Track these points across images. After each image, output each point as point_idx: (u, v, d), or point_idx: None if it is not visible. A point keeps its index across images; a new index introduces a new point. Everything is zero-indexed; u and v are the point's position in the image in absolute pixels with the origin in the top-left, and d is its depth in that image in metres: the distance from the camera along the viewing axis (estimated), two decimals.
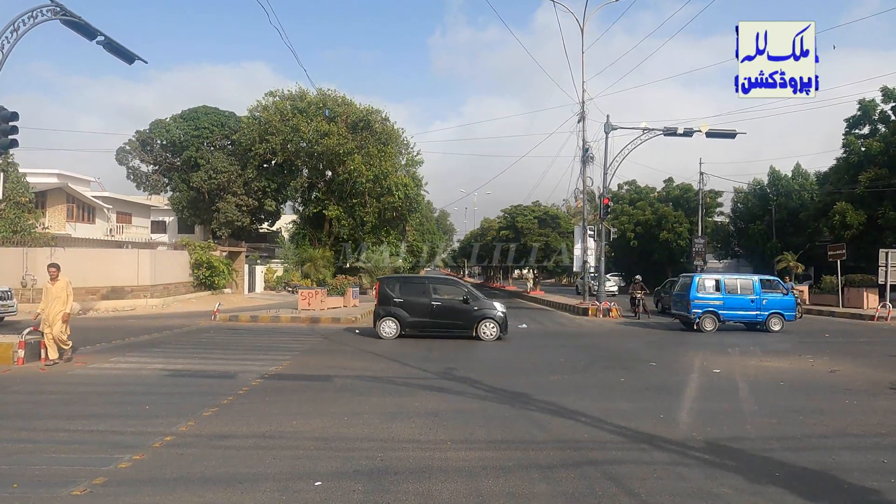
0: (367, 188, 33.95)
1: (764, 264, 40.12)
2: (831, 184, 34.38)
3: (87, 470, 4.99)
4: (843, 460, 5.48)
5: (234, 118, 37.72)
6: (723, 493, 4.64)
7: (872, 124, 32.75)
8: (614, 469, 5.12)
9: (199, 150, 36.32)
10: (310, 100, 35.15)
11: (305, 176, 38.09)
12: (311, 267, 32.63)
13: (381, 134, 35.16)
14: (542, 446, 5.77)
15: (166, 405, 7.44)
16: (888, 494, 4.66)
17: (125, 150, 37.68)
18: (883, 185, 29.11)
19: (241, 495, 4.51)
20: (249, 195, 36.46)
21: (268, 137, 33.94)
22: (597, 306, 23.51)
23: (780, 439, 5.84)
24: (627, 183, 49.42)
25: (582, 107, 25.61)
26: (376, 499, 4.45)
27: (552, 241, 38.54)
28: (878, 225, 29.28)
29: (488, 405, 7.62)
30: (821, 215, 33.48)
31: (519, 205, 42.60)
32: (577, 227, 27.35)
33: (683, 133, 23.01)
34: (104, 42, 12.76)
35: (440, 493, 4.57)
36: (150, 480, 4.80)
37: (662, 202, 45.57)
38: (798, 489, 4.70)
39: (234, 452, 5.57)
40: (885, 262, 22.15)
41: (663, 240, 42.23)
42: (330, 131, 32.77)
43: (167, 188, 39.25)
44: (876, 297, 23.54)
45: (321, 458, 5.39)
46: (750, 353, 13.03)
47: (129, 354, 11.60)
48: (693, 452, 5.64)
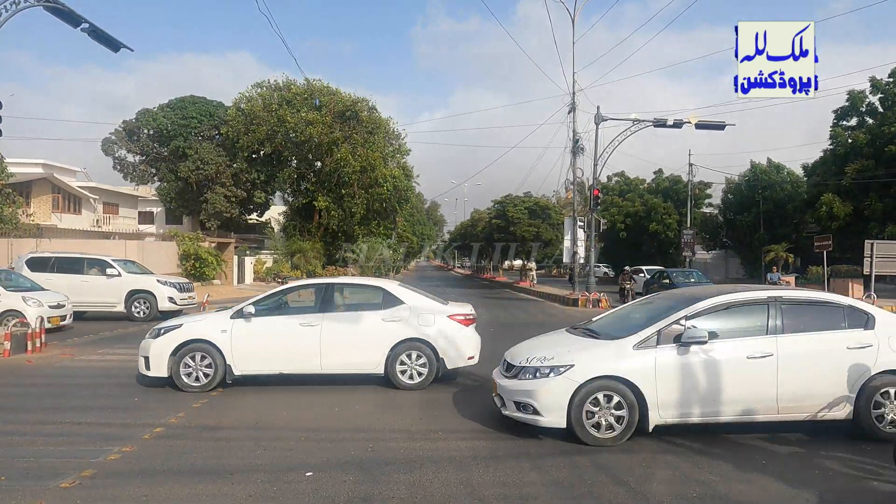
0: (356, 179, 33.78)
1: (752, 255, 40.49)
2: (818, 175, 34.70)
3: (76, 462, 4.96)
4: (829, 448, 5.56)
5: (223, 108, 37.30)
6: (710, 480, 4.70)
7: (860, 116, 33.04)
8: (603, 458, 5.16)
9: (186, 140, 35.91)
10: (296, 90, 34.84)
11: (294, 167, 37.82)
12: (301, 258, 32.50)
13: (368, 123, 34.93)
14: (532, 436, 5.81)
15: (156, 397, 7.40)
16: (873, 482, 4.74)
17: (111, 140, 37.15)
18: (869, 177, 29.43)
19: (232, 486, 4.50)
20: (238, 186, 36.14)
21: (254, 128, 33.63)
22: (586, 297, 23.64)
23: (764, 428, 5.91)
24: (617, 174, 49.51)
25: (572, 98, 25.57)
26: (367, 489, 4.47)
27: (542, 232, 38.61)
28: (864, 216, 29.62)
29: (478, 395, 7.63)
30: (808, 207, 33.83)
31: (510, 195, 42.58)
32: (568, 219, 27.38)
33: (673, 124, 23.03)
34: (89, 29, 12.54)
35: (431, 483, 4.60)
36: (140, 472, 4.78)
37: (652, 194, 45.72)
38: (784, 477, 4.77)
39: (225, 444, 5.56)
40: (871, 253, 22.36)
41: (653, 231, 42.42)
42: (315, 120, 32.51)
43: (154, 178, 38.80)
44: (861, 287, 23.83)
45: (312, 449, 5.40)
46: None
47: (118, 346, 11.51)
48: (680, 441, 5.70)
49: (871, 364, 5.63)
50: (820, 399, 5.66)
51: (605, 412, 5.48)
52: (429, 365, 7.87)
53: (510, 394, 5.78)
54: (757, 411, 5.65)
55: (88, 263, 16.29)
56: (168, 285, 16.52)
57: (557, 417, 5.48)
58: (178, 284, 17.17)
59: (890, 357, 5.68)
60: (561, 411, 5.46)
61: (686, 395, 5.54)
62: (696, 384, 5.55)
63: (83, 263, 16.23)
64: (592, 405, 5.46)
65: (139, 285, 16.10)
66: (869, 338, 5.74)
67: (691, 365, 5.55)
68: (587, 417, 5.46)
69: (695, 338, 5.51)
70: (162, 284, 16.33)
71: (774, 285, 21.27)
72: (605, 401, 5.47)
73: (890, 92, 30.90)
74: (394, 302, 8.12)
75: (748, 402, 5.63)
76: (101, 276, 15.92)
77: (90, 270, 16.05)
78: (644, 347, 5.60)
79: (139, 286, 16.06)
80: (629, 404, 5.46)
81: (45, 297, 13.00)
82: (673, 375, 5.52)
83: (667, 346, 5.59)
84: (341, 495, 4.35)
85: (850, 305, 6.06)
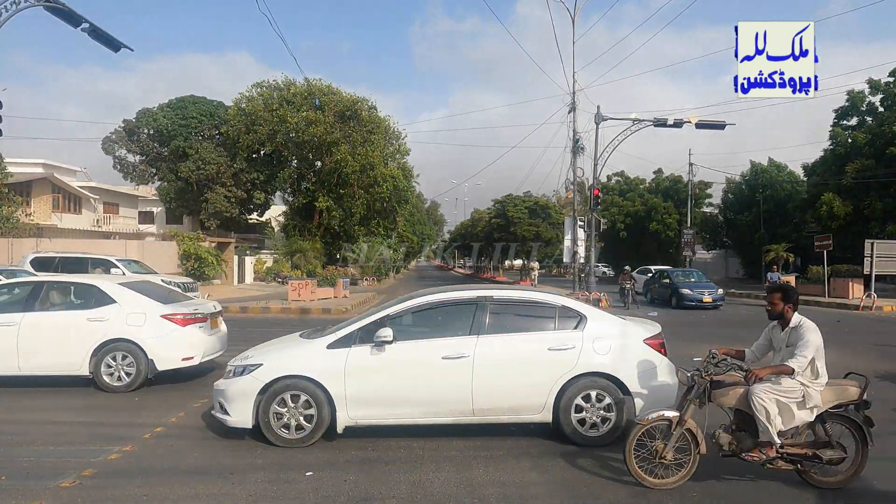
0: (355, 179, 33.80)
1: (752, 255, 40.47)
2: (818, 175, 34.68)
3: (76, 462, 4.96)
4: None
5: (223, 108, 37.33)
6: (710, 478, 4.69)
7: (860, 115, 33.02)
8: (603, 458, 5.16)
9: (187, 140, 35.93)
10: (296, 90, 34.85)
11: (294, 167, 37.83)
12: (302, 258, 32.50)
13: (368, 122, 34.94)
14: (532, 436, 5.80)
15: (156, 396, 7.40)
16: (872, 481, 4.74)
17: (111, 140, 37.19)
18: (869, 176, 29.41)
19: (233, 486, 4.50)
20: (238, 186, 36.16)
21: (255, 128, 33.64)
22: (587, 296, 23.63)
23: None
24: (617, 174, 49.51)
25: (572, 97, 25.56)
26: (367, 488, 4.47)
27: (542, 232, 38.63)
28: (864, 216, 29.60)
29: None
30: (808, 206, 33.79)
31: (510, 194, 42.64)
32: (568, 219, 27.38)
33: (673, 124, 23.02)
34: (89, 29, 12.55)
35: (431, 482, 4.59)
36: (141, 472, 4.78)
37: (652, 193, 45.72)
38: (783, 476, 4.77)
39: (226, 443, 5.56)
40: (871, 253, 22.38)
41: (653, 231, 42.42)
42: (317, 120, 32.54)
43: (154, 178, 38.84)
44: (861, 286, 23.80)
45: (312, 449, 5.39)
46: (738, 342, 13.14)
47: None
48: None
49: (571, 366, 5.42)
50: (517, 401, 5.48)
51: (294, 412, 5.35)
52: None
53: (215, 393, 5.69)
54: (451, 413, 5.48)
55: (92, 263, 16.31)
56: (172, 285, 16.55)
57: (244, 417, 5.37)
58: (183, 284, 17.20)
59: (593, 359, 5.47)
60: (247, 411, 5.35)
61: (377, 395, 5.40)
62: (386, 385, 5.40)
63: (87, 263, 16.27)
64: (280, 405, 5.35)
65: None
66: (574, 339, 5.53)
67: (383, 365, 5.39)
68: (276, 418, 5.34)
69: (381, 338, 5.35)
70: (166, 284, 16.36)
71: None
72: (292, 400, 5.36)
73: (890, 92, 30.89)
74: None
75: (441, 404, 5.46)
76: (104, 276, 15.96)
77: (94, 270, 16.07)
78: (339, 347, 5.46)
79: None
80: (318, 403, 5.32)
81: None
82: (363, 376, 5.37)
83: (361, 346, 5.44)
84: (341, 495, 4.35)
85: (564, 306, 5.82)
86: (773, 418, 4.29)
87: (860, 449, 4.48)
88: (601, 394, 5.48)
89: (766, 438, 4.32)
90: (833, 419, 4.51)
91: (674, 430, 4.47)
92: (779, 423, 4.32)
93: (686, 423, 4.47)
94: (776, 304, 4.62)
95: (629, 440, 4.51)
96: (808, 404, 4.36)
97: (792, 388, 4.35)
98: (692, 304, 21.50)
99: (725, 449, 4.48)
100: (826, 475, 4.55)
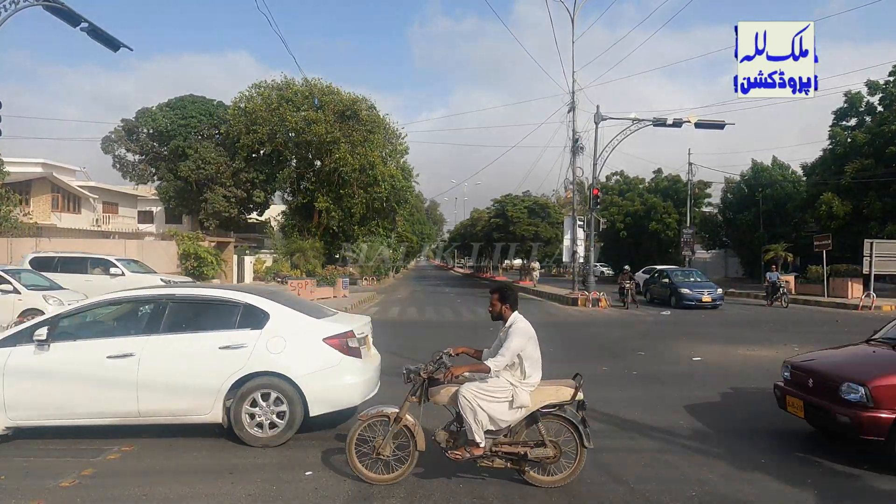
0: (355, 178, 33.77)
1: (751, 254, 40.46)
2: (818, 175, 34.67)
3: (76, 461, 4.97)
4: (828, 447, 5.57)
5: (223, 107, 37.28)
6: (709, 479, 4.70)
7: (859, 116, 33.03)
8: (603, 457, 5.16)
9: (186, 140, 35.89)
10: (296, 89, 34.82)
11: (294, 166, 37.80)
12: (301, 257, 32.47)
13: (367, 122, 34.91)
14: None
15: None
16: (872, 480, 4.74)
17: (111, 139, 37.15)
18: (868, 176, 29.40)
19: (232, 486, 4.50)
20: (238, 186, 36.12)
21: (254, 128, 33.62)
22: (586, 296, 23.63)
23: (764, 427, 5.92)
24: (616, 173, 49.47)
25: (572, 97, 25.55)
26: (367, 488, 4.47)
27: (542, 232, 38.60)
28: (863, 215, 29.60)
29: None
30: (807, 206, 33.78)
31: (509, 194, 42.59)
32: (567, 218, 27.37)
33: (673, 123, 23.03)
34: (88, 29, 12.54)
35: (431, 484, 4.60)
36: (140, 472, 4.79)
37: (651, 193, 45.69)
38: (784, 477, 4.77)
39: (225, 443, 5.56)
40: (870, 253, 22.39)
41: (652, 230, 42.39)
42: (317, 119, 32.51)
43: (154, 178, 38.79)
44: (860, 286, 23.81)
45: (312, 448, 5.39)
46: (737, 341, 13.17)
47: None
48: (679, 440, 5.70)
49: (241, 365, 5.32)
50: (185, 402, 5.37)
51: None
52: None
53: None
54: (116, 414, 5.38)
55: (92, 263, 16.28)
56: (171, 284, 16.54)
57: None
58: (182, 283, 17.14)
59: (265, 358, 5.35)
60: None
61: (39, 396, 5.31)
62: (48, 385, 5.29)
63: (86, 263, 16.24)
64: None
65: (143, 285, 16.10)
66: (249, 338, 5.42)
67: (43, 366, 5.29)
68: None
69: (37, 337, 5.28)
70: (165, 283, 16.35)
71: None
72: None
73: (889, 91, 30.89)
74: None
75: (105, 404, 5.35)
76: (104, 275, 15.91)
77: (94, 270, 16.04)
78: (4, 346, 5.38)
79: (143, 285, 16.07)
80: None
81: (66, 295, 12.98)
82: (23, 376, 5.27)
83: (25, 345, 5.34)
84: (341, 495, 4.36)
85: (248, 304, 5.64)
86: (479, 417, 4.27)
87: (579, 448, 4.47)
88: (274, 394, 5.39)
89: (472, 437, 4.30)
90: (549, 419, 4.50)
91: (391, 426, 4.48)
92: (486, 423, 4.30)
93: (403, 419, 4.46)
94: (495, 304, 4.61)
95: (350, 436, 4.54)
96: (515, 404, 4.35)
97: (500, 387, 4.34)
98: (692, 303, 21.52)
99: (443, 446, 4.49)
100: (546, 474, 4.53)
